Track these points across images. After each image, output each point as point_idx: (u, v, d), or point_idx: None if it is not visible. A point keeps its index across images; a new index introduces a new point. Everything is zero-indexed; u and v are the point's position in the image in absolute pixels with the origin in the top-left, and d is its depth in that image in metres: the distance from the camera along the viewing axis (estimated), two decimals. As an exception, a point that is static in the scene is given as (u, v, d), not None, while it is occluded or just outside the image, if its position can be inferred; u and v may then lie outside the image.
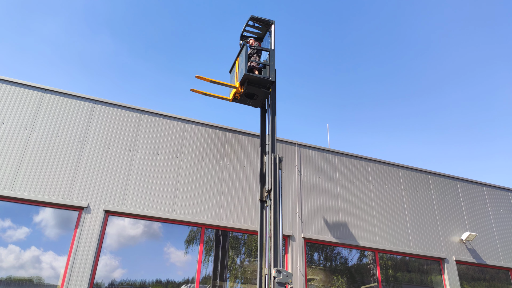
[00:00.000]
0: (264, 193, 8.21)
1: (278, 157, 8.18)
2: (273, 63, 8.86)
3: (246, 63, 8.53)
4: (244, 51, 8.68)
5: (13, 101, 8.44)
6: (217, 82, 8.73)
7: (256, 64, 8.93)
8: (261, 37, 9.94)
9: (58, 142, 8.40)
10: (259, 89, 8.67)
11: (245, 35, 9.87)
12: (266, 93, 8.75)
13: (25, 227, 7.65)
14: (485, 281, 11.06)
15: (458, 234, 11.20)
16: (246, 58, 8.61)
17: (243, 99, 8.99)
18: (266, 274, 7.29)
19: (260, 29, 9.78)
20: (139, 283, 7.95)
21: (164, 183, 8.82)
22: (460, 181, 12.18)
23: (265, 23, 9.57)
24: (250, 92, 8.73)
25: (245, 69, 8.46)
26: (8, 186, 7.69)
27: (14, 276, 7.25)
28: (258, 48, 9.14)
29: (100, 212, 8.05)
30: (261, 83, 8.68)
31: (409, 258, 10.47)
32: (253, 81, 8.61)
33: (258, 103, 9.13)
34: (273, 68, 8.80)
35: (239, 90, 8.77)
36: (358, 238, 9.93)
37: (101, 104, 9.09)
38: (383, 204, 10.73)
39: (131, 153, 8.86)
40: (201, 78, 8.53)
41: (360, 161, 11.06)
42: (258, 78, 8.57)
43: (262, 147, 8.82)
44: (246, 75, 8.44)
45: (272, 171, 7.88)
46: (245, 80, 8.57)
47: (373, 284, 9.76)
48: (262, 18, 9.45)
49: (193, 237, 8.67)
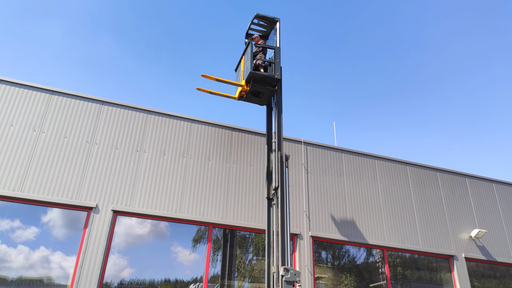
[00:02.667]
0: (271, 191, 8.21)
1: (285, 155, 8.17)
2: (278, 60, 8.84)
3: (251, 61, 8.52)
4: (250, 49, 8.66)
5: (22, 103, 8.52)
6: (223, 80, 8.74)
7: (262, 62, 8.92)
8: (266, 35, 9.93)
9: (66, 143, 8.46)
10: (265, 87, 8.67)
11: (250, 33, 9.87)
12: (272, 90, 8.73)
13: (34, 228, 7.72)
14: (495, 279, 10.96)
15: (468, 231, 11.10)
16: (252, 56, 8.60)
17: (249, 97, 8.99)
18: (274, 272, 7.29)
19: (265, 27, 9.76)
20: (148, 283, 7.99)
21: (172, 183, 8.85)
22: (469, 177, 12.07)
23: (270, 21, 9.55)
24: (256, 90, 8.73)
25: (251, 67, 8.45)
26: (17, 187, 7.77)
27: (24, 276, 7.33)
28: (263, 46, 9.13)
29: (109, 212, 8.10)
30: (267, 81, 8.67)
31: (418, 255, 10.41)
32: (258, 79, 8.61)
33: (264, 101, 9.12)
34: (278, 65, 8.79)
35: (245, 88, 8.77)
36: (366, 236, 9.89)
37: (108, 105, 9.14)
38: (391, 201, 10.67)
39: (138, 153, 8.90)
40: (207, 77, 8.54)
41: (367, 159, 11.01)
42: (264, 76, 8.57)
43: (268, 145, 8.81)
44: (251, 73, 8.44)
45: (279, 169, 7.87)
46: (250, 78, 8.57)
47: (381, 282, 9.71)
48: (267, 16, 9.44)
49: (200, 236, 8.69)
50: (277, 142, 8.25)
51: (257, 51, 9.10)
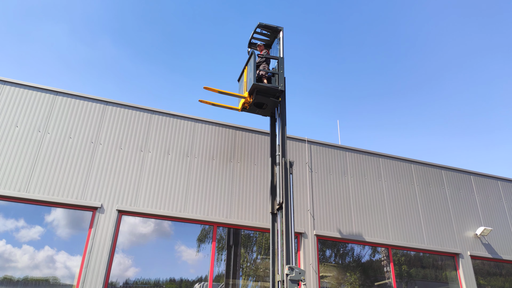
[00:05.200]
0: (275, 206, 8.07)
1: (289, 161, 8.03)
2: (282, 71, 8.68)
3: (254, 72, 8.38)
4: (253, 59, 8.53)
5: (26, 104, 8.56)
6: (226, 92, 8.60)
7: (265, 73, 8.76)
8: (270, 43, 9.74)
9: (71, 143, 8.50)
10: (268, 98, 8.53)
11: (253, 42, 9.69)
12: (276, 102, 8.58)
13: (39, 227, 7.76)
14: (501, 276, 10.91)
15: (473, 229, 11.06)
16: (255, 67, 8.46)
17: (252, 109, 8.86)
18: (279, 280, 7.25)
19: (268, 36, 9.58)
20: (153, 282, 8.02)
21: (176, 182, 8.87)
22: (474, 175, 12.02)
23: (273, 30, 9.38)
24: (259, 101, 8.59)
25: (254, 79, 8.31)
26: (22, 187, 7.81)
27: (30, 276, 7.38)
28: (266, 57, 8.97)
29: (114, 212, 8.13)
30: (270, 93, 8.52)
31: (423, 254, 10.38)
32: (262, 91, 8.47)
33: (267, 112, 8.97)
34: (282, 76, 8.63)
35: (248, 100, 8.64)
36: (371, 234, 9.88)
37: (112, 105, 9.18)
38: (396, 200, 10.65)
39: (143, 153, 8.93)
40: (209, 89, 8.39)
41: (371, 157, 10.98)
42: (267, 88, 8.42)
43: (272, 158, 8.64)
44: (254, 84, 8.30)
45: (283, 183, 7.70)
46: (253, 89, 8.43)
47: (386, 281, 9.70)
48: (270, 25, 9.26)
49: (205, 236, 8.71)
50: (281, 155, 8.06)
51: (261, 61, 8.94)
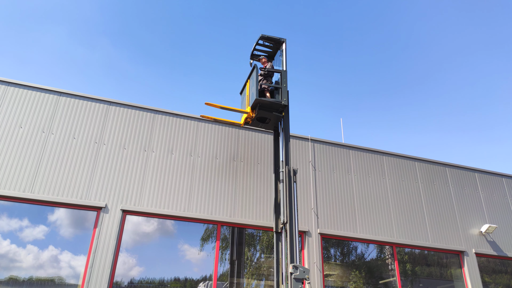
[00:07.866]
0: (280, 224, 7.93)
1: (293, 169, 7.84)
2: (285, 85, 8.44)
3: (257, 87, 8.17)
4: (255, 73, 8.33)
5: (30, 105, 8.60)
6: (228, 108, 8.49)
7: (268, 86, 8.61)
8: (272, 55, 9.54)
9: (74, 144, 8.53)
10: (271, 113, 8.35)
11: (256, 54, 9.48)
12: (279, 116, 8.39)
13: (43, 227, 7.80)
14: (506, 274, 10.87)
15: (478, 226, 11.01)
16: (257, 80, 8.25)
17: (255, 123, 8.74)
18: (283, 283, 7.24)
19: (271, 48, 9.35)
20: (157, 281, 8.04)
21: (179, 182, 8.88)
22: (478, 172, 11.97)
23: (276, 42, 9.13)
24: (262, 116, 8.44)
25: (256, 93, 8.10)
26: (27, 188, 7.85)
27: (35, 276, 7.41)
28: (269, 70, 8.77)
29: (118, 212, 8.16)
30: (273, 107, 8.32)
31: (428, 251, 10.35)
32: (264, 106, 8.26)
33: (270, 127, 8.86)
34: (285, 90, 8.39)
35: (251, 115, 8.48)
36: (375, 232, 9.86)
37: (115, 105, 9.20)
38: (400, 197, 10.62)
39: (146, 152, 8.95)
40: (211, 105, 8.26)
41: (375, 155, 10.96)
42: (270, 102, 8.21)
43: (276, 174, 8.48)
44: (257, 99, 8.10)
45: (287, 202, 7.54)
46: (256, 104, 8.24)
47: (391, 279, 9.68)
48: (272, 37, 9.02)
49: (208, 235, 8.72)
50: (285, 171, 7.82)
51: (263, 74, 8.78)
